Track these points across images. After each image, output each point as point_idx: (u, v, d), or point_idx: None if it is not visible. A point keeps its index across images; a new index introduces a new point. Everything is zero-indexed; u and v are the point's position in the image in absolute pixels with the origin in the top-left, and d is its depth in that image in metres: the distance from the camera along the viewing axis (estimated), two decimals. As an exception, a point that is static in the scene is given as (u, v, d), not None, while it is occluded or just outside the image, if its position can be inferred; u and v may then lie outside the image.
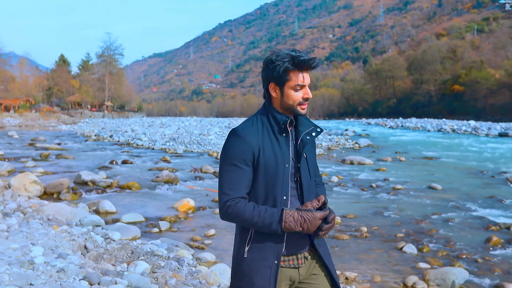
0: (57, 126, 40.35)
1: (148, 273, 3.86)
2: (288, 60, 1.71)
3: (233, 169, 1.72)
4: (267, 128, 1.77)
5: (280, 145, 1.75)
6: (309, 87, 1.79)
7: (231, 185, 1.71)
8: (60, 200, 8.02)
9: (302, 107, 1.77)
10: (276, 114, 1.77)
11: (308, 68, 1.75)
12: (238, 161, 1.71)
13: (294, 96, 1.75)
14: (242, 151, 1.71)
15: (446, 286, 4.36)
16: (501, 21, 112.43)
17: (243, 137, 1.72)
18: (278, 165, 1.72)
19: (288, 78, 1.73)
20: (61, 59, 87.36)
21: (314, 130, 1.82)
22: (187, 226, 6.66)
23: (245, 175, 1.72)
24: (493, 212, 7.98)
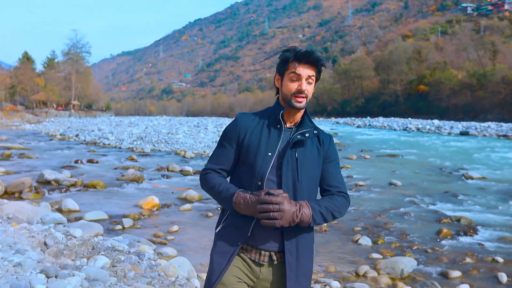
0: (21, 126, 39.22)
1: (108, 267, 3.92)
2: (291, 52, 1.77)
3: (218, 145, 1.87)
4: (265, 117, 1.83)
5: (270, 134, 1.79)
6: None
7: (211, 158, 1.87)
8: (22, 199, 7.91)
9: (297, 99, 1.76)
10: (276, 106, 1.84)
11: (308, 61, 1.76)
12: (224, 139, 1.84)
13: (289, 86, 1.77)
14: (229, 131, 1.83)
15: (396, 274, 4.62)
16: (463, 24, 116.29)
17: (236, 119, 1.85)
18: (260, 150, 1.76)
19: (286, 67, 1.78)
20: (24, 56, 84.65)
21: (309, 132, 1.81)
22: (150, 223, 6.72)
23: (225, 153, 1.83)
24: (447, 206, 8.40)
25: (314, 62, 1.76)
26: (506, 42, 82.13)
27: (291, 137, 1.79)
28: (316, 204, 1.72)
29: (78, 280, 3.17)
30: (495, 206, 8.47)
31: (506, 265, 5.08)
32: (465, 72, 76.45)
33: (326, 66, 1.85)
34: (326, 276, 4.49)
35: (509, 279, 4.63)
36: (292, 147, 1.77)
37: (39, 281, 3.00)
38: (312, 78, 1.78)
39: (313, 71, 1.78)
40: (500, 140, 28.08)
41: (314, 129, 1.82)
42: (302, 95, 1.75)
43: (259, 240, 1.74)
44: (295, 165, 1.76)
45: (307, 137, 1.78)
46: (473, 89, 72.81)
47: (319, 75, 1.82)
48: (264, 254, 1.76)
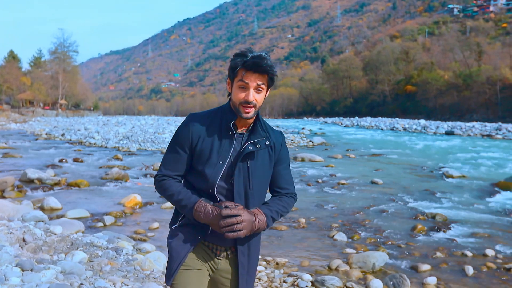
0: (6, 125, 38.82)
1: (85, 262, 4.02)
2: (241, 58, 1.70)
3: (171, 150, 1.82)
4: (217, 123, 1.79)
5: (221, 142, 1.76)
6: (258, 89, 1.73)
7: (165, 163, 1.82)
8: (4, 198, 7.93)
9: (244, 109, 1.72)
10: (227, 112, 1.79)
11: (256, 70, 1.69)
12: (177, 144, 1.80)
13: (237, 94, 1.72)
14: (182, 137, 1.79)
15: (367, 268, 4.77)
16: (450, 25, 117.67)
17: (188, 123, 1.79)
18: (211, 158, 1.74)
19: (235, 74, 1.72)
20: (10, 55, 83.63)
21: (261, 142, 1.79)
22: (132, 221, 6.81)
23: (179, 159, 1.80)
24: (424, 204, 8.60)
25: (263, 72, 1.71)
26: (491, 43, 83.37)
27: (243, 146, 1.77)
28: (268, 209, 1.78)
29: (53, 273, 3.27)
30: (471, 203, 8.70)
31: (474, 259, 5.27)
32: (451, 73, 77.44)
33: (277, 74, 1.77)
34: (299, 270, 4.63)
35: (475, 271, 4.82)
36: (243, 157, 1.76)
37: (14, 274, 3.09)
38: (262, 87, 1.73)
39: (263, 79, 1.72)
40: (484, 140, 28.52)
41: (266, 139, 1.80)
42: (249, 105, 1.71)
43: (216, 238, 1.79)
44: (247, 173, 1.77)
45: (258, 148, 1.78)
46: (459, 90, 73.80)
47: (271, 81, 1.77)
48: (220, 249, 1.83)
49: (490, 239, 6.18)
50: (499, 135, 31.04)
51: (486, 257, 5.36)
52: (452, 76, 76.54)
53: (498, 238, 6.24)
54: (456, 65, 78.35)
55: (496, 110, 64.60)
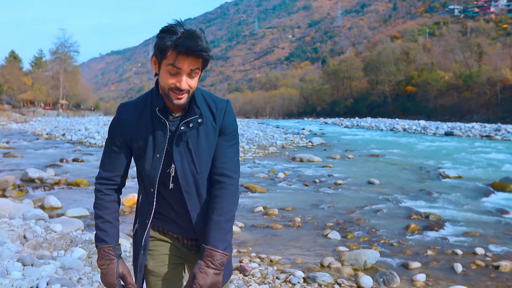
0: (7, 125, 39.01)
1: (84, 258, 4.15)
2: (171, 36, 1.48)
3: (106, 149, 1.66)
4: (148, 110, 1.60)
5: (154, 132, 1.58)
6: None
7: (103, 164, 1.67)
8: (5, 197, 8.06)
9: (176, 95, 1.52)
10: (155, 97, 1.60)
11: (190, 54, 1.48)
12: (111, 141, 1.64)
13: (166, 79, 1.51)
14: (114, 132, 1.63)
15: (359, 266, 4.90)
16: (450, 26, 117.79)
17: (120, 115, 1.62)
18: (147, 153, 1.59)
19: (164, 56, 1.50)
20: (11, 55, 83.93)
21: (193, 121, 1.58)
22: (130, 219, 6.93)
23: (116, 158, 1.64)
24: (419, 203, 8.73)
25: (198, 56, 1.50)
26: (491, 44, 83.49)
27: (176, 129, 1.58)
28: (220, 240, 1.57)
29: (53, 268, 3.40)
30: (465, 203, 8.82)
31: (464, 257, 5.40)
32: (451, 73, 77.56)
33: (212, 56, 1.55)
34: (292, 266, 4.76)
35: (464, 269, 4.94)
36: (179, 140, 1.58)
37: (16, 269, 3.23)
38: (196, 72, 1.53)
39: (197, 63, 1.52)
40: (483, 141, 28.61)
41: (199, 116, 1.58)
42: (182, 92, 1.52)
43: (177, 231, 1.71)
44: (190, 157, 1.60)
45: (191, 127, 1.58)
46: (459, 90, 73.96)
47: (206, 64, 1.57)
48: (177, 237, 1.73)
49: (482, 238, 6.30)
50: (498, 136, 31.13)
51: (476, 255, 5.48)
52: (453, 77, 76.67)
53: (489, 237, 6.36)
54: (456, 65, 78.48)
55: (497, 111, 64.68)
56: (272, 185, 10.59)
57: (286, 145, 22.60)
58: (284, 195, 9.31)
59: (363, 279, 4.34)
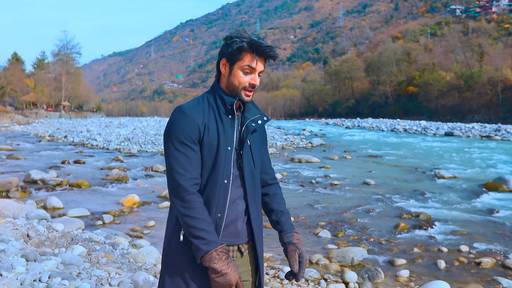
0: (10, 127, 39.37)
1: (84, 255, 4.40)
2: (246, 41, 1.65)
3: (183, 147, 1.63)
4: (213, 108, 1.70)
5: (224, 127, 1.68)
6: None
7: (185, 165, 1.62)
8: (9, 198, 8.32)
9: (247, 93, 1.69)
10: (223, 95, 1.71)
11: (264, 55, 1.69)
12: (187, 139, 1.62)
13: (241, 78, 1.68)
14: (189, 129, 1.63)
15: (346, 262, 5.14)
16: (452, 26, 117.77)
17: (189, 114, 1.64)
18: (221, 146, 1.65)
19: (240, 57, 1.66)
20: (14, 57, 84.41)
21: (260, 118, 1.76)
22: (130, 219, 7.19)
23: (195, 155, 1.64)
24: (412, 203, 8.95)
25: (272, 58, 1.72)
26: (493, 44, 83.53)
27: (244, 125, 1.72)
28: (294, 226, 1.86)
29: (54, 263, 3.65)
30: (457, 203, 9.04)
31: (448, 254, 5.62)
32: (453, 74, 77.62)
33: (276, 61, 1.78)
34: (281, 263, 5.00)
35: (447, 265, 5.17)
36: (245, 136, 1.72)
37: (20, 264, 3.48)
38: (263, 72, 1.73)
39: (264, 63, 1.73)
40: (483, 141, 28.76)
41: (262, 115, 1.79)
42: (252, 90, 1.71)
43: (227, 237, 1.70)
44: (250, 153, 1.74)
45: (259, 124, 1.76)
46: (460, 90, 74.01)
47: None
48: (233, 249, 1.72)
49: (468, 236, 6.52)
50: (498, 136, 31.28)
51: (460, 252, 5.71)
52: (454, 77, 76.72)
53: (476, 235, 6.58)
54: (457, 66, 78.53)
55: (498, 111, 64.75)
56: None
57: (286, 146, 22.82)
58: (280, 196, 9.53)
59: (348, 274, 4.57)
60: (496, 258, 5.43)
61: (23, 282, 3.15)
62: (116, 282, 3.42)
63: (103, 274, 3.63)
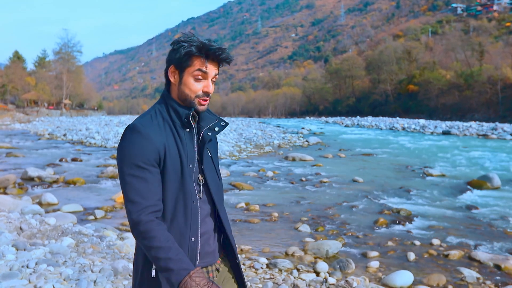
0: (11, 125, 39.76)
1: (72, 246, 4.71)
2: (196, 45, 1.51)
3: (140, 172, 1.43)
4: (168, 123, 1.54)
5: (183, 142, 1.53)
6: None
7: (142, 192, 1.43)
8: (6, 194, 8.64)
9: (200, 101, 1.55)
10: (176, 106, 1.55)
11: (216, 59, 1.54)
12: (145, 162, 1.44)
13: (193, 86, 1.53)
14: (147, 151, 1.44)
15: (321, 254, 5.44)
16: (453, 24, 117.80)
17: (145, 134, 1.46)
18: (183, 165, 1.50)
19: (189, 63, 1.52)
20: (15, 55, 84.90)
21: (217, 125, 1.63)
22: (121, 214, 7.51)
23: (155, 179, 1.46)
24: (395, 200, 9.25)
25: (225, 61, 1.58)
26: (493, 43, 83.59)
27: (201, 135, 1.59)
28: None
29: (42, 252, 3.97)
30: (440, 199, 9.34)
31: (420, 247, 5.92)
32: (453, 72, 77.75)
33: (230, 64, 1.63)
34: (259, 255, 5.32)
35: (416, 257, 5.48)
36: (204, 148, 1.59)
37: (10, 252, 3.80)
38: (216, 77, 1.59)
39: (217, 68, 1.58)
40: (479, 140, 29.00)
41: (219, 120, 1.65)
42: (207, 98, 1.56)
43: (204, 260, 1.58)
44: (212, 165, 1.63)
45: (216, 131, 1.63)
46: (460, 89, 74.14)
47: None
48: (211, 269, 1.62)
49: (443, 231, 6.82)
50: (494, 135, 31.53)
51: (432, 245, 6.01)
52: (454, 76, 76.85)
53: (451, 230, 6.88)
54: (458, 64, 78.65)
55: (497, 110, 64.90)
56: (259, 183, 11.13)
57: (283, 145, 23.11)
58: (268, 193, 9.86)
59: (320, 265, 4.88)
60: (464, 251, 5.73)
61: (12, 268, 3.47)
62: (98, 269, 3.74)
63: (87, 262, 3.94)
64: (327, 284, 4.35)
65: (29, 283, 3.27)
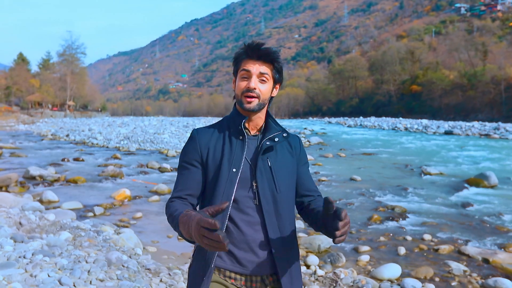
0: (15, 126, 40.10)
1: (70, 240, 4.85)
2: (243, 49, 1.60)
3: (181, 169, 1.63)
4: (224, 129, 1.64)
5: (232, 147, 1.59)
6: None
7: (175, 186, 1.62)
8: (8, 192, 8.81)
9: (246, 98, 1.57)
10: (234, 115, 1.64)
11: (259, 55, 1.57)
12: (185, 161, 1.62)
13: (239, 85, 1.59)
14: (189, 151, 1.62)
15: (313, 249, 5.57)
16: (456, 24, 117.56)
17: (193, 136, 1.64)
18: (223, 168, 1.55)
19: (238, 66, 1.61)
20: (20, 58, 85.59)
21: (278, 136, 1.65)
22: (119, 211, 7.66)
23: (189, 175, 1.60)
24: (391, 198, 9.35)
25: (265, 56, 1.58)
26: (497, 42, 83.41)
27: (259, 145, 1.61)
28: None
29: (39, 244, 4.11)
30: (435, 197, 9.43)
31: (411, 242, 6.03)
32: (456, 72, 77.65)
33: (281, 63, 1.63)
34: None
35: (406, 252, 5.59)
36: (262, 156, 1.60)
37: (8, 244, 3.95)
38: (266, 77, 1.58)
39: (267, 68, 1.59)
40: (481, 139, 29.01)
41: (282, 131, 1.66)
42: (251, 94, 1.56)
43: (247, 265, 1.56)
44: (270, 174, 1.59)
45: (276, 142, 1.63)
46: (464, 89, 74.01)
47: (277, 75, 1.64)
48: (255, 280, 1.58)
49: (436, 227, 6.92)
50: (497, 134, 31.52)
51: (423, 240, 6.12)
52: (457, 76, 76.74)
53: (443, 226, 6.98)
54: (461, 64, 78.55)
55: (501, 110, 64.76)
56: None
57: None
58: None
59: (310, 258, 5.01)
60: (454, 246, 5.83)
61: (9, 258, 3.62)
62: (92, 260, 3.88)
63: (82, 254, 4.08)
64: (316, 276, 4.47)
65: (25, 272, 3.42)
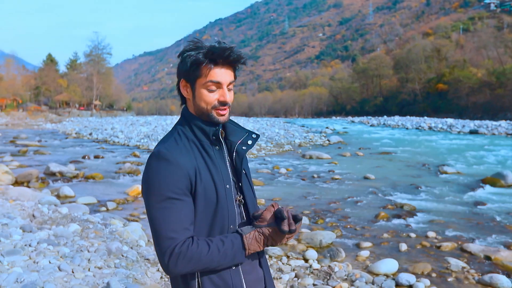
0: (42, 125, 41.38)
1: (78, 232, 5.09)
2: (202, 52, 1.34)
3: (171, 204, 1.29)
4: (195, 144, 1.39)
5: (214, 162, 1.38)
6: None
7: (174, 225, 1.28)
8: (29, 187, 9.20)
9: (219, 112, 1.38)
10: (201, 124, 1.40)
11: (226, 63, 1.37)
12: (175, 192, 1.29)
13: (207, 97, 1.37)
14: (177, 179, 1.29)
15: (314, 244, 5.65)
16: (486, 21, 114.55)
17: (173, 160, 1.31)
18: (218, 188, 1.36)
19: (198, 74, 1.36)
20: (48, 58, 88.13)
21: (249, 138, 1.49)
22: (131, 206, 7.91)
23: (188, 208, 1.31)
24: (402, 196, 9.32)
25: (236, 62, 1.39)
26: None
27: (234, 151, 1.45)
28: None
29: (46, 234, 4.35)
30: (448, 195, 9.35)
31: (415, 239, 6.05)
32: (484, 70, 75.77)
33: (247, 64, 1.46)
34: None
35: (408, 248, 5.62)
36: (239, 164, 1.45)
37: (17, 233, 4.21)
38: (233, 84, 1.42)
39: (231, 72, 1.41)
40: (508, 139, 28.31)
41: (249, 132, 1.50)
42: (225, 107, 1.39)
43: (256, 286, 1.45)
44: (248, 182, 1.49)
45: (250, 144, 1.49)
46: (492, 87, 72.13)
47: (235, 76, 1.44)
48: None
49: (443, 224, 6.90)
50: (525, 134, 30.72)
51: (427, 238, 6.12)
52: (485, 74, 74.87)
53: (451, 224, 6.95)
54: (489, 62, 76.62)
55: (531, 109, 62.95)
56: (271, 179, 11.37)
57: (303, 143, 23.25)
58: (277, 188, 10.10)
59: (309, 252, 5.10)
60: (458, 243, 5.82)
61: (16, 246, 3.86)
62: (94, 249, 4.08)
63: (86, 244, 4.30)
64: (311, 269, 4.57)
65: (29, 259, 3.65)
